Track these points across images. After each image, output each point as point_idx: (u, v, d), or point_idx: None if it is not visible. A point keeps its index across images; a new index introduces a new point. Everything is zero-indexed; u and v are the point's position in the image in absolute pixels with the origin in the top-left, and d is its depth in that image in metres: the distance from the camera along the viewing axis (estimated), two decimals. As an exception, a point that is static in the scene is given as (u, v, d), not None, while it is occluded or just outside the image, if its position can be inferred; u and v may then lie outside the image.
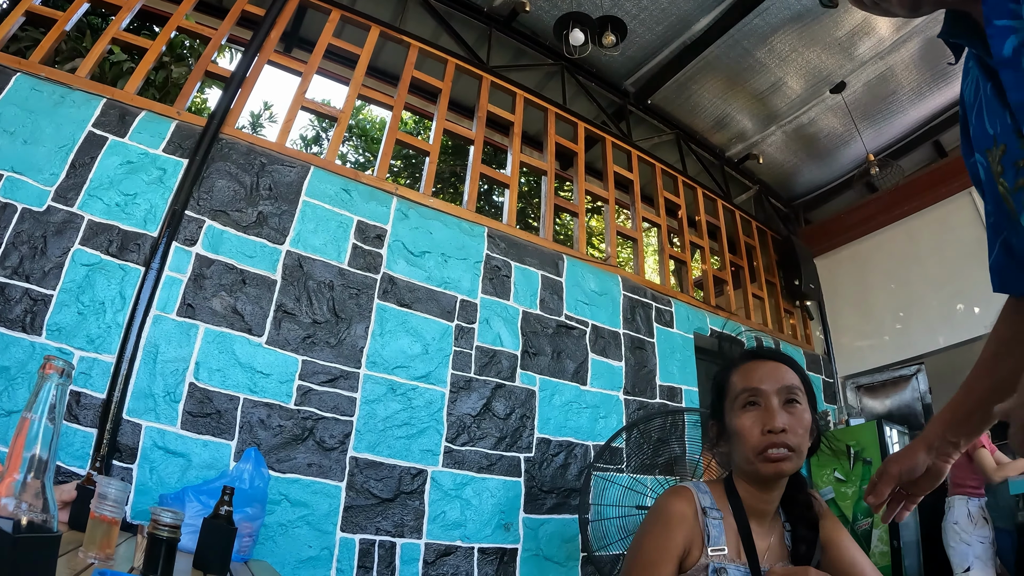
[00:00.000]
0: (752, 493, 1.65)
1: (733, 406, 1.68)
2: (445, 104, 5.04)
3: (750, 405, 1.64)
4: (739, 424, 1.64)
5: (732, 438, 1.68)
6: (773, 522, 1.69)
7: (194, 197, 3.53)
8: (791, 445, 1.56)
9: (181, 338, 3.23)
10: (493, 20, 6.03)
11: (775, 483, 1.64)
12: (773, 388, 1.62)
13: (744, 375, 1.70)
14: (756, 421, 1.61)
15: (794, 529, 1.69)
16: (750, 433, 1.61)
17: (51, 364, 1.07)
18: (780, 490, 1.67)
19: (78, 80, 3.53)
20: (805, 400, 1.64)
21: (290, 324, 3.56)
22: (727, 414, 1.71)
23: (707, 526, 1.59)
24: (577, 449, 4.36)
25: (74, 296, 3.05)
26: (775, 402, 1.61)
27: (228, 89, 3.97)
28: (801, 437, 1.59)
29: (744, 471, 1.66)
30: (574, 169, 5.76)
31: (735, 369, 1.74)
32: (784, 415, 1.59)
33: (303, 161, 4.04)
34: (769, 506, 1.66)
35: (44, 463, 1.03)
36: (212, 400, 3.19)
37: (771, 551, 1.65)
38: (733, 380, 1.72)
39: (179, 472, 3.00)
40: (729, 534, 1.61)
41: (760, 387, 1.64)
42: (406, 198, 4.33)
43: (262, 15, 4.36)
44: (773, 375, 1.65)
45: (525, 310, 4.53)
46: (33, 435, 1.03)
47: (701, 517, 1.61)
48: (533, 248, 4.82)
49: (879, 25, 5.80)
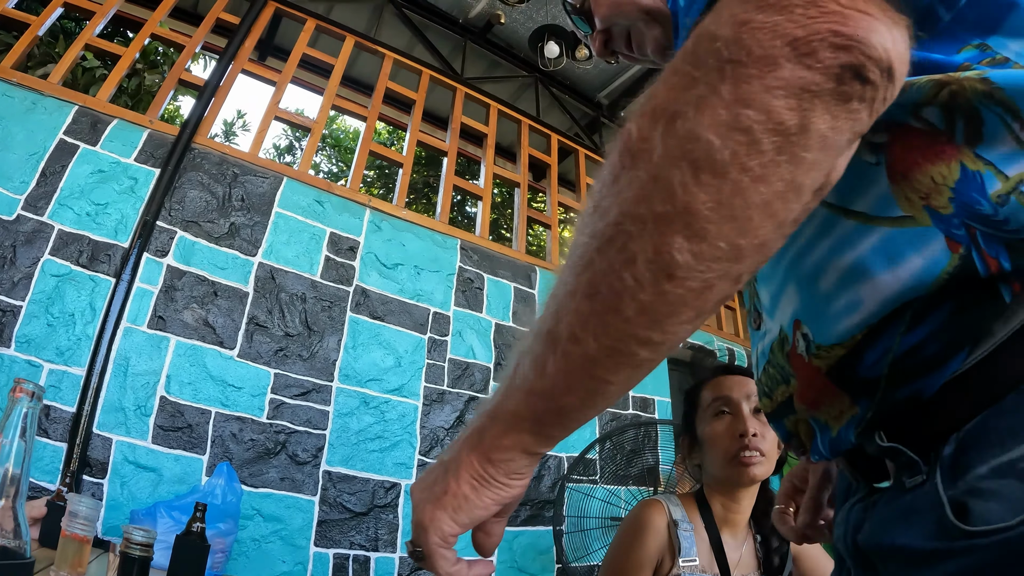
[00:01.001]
0: (724, 504, 1.69)
1: (705, 416, 1.74)
2: (419, 115, 5.03)
3: (721, 413, 1.69)
4: (711, 431, 1.69)
5: (704, 447, 1.73)
6: (745, 533, 1.72)
7: (166, 207, 3.49)
8: (763, 450, 1.61)
9: (152, 351, 3.19)
10: (468, 31, 6.04)
11: (745, 492, 1.68)
12: (743, 396, 1.68)
13: (715, 387, 1.75)
14: (728, 428, 1.66)
15: (766, 540, 1.71)
16: (722, 439, 1.66)
17: (21, 387, 1.06)
18: (751, 499, 1.71)
19: (50, 86, 3.49)
20: None
21: (262, 337, 3.54)
22: (699, 425, 1.75)
23: (678, 538, 1.62)
24: (550, 461, 4.36)
25: (44, 307, 3.00)
26: (745, 409, 1.66)
27: (201, 98, 3.94)
28: (771, 444, 1.64)
29: (717, 479, 1.70)
30: (547, 181, 5.77)
31: (706, 383, 1.80)
32: (754, 422, 1.64)
33: (276, 172, 4.02)
34: (740, 516, 1.70)
35: (16, 487, 1.02)
36: (183, 414, 3.16)
37: (743, 561, 1.68)
38: (704, 393, 1.78)
39: (150, 487, 2.96)
40: (700, 545, 1.64)
41: (730, 395, 1.70)
42: (379, 210, 4.32)
43: (237, 23, 4.33)
44: (743, 385, 1.71)
45: (498, 322, 4.52)
46: (4, 459, 1.01)
47: (672, 529, 1.64)
48: (506, 260, 4.82)
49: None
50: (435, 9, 5.89)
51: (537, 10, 5.58)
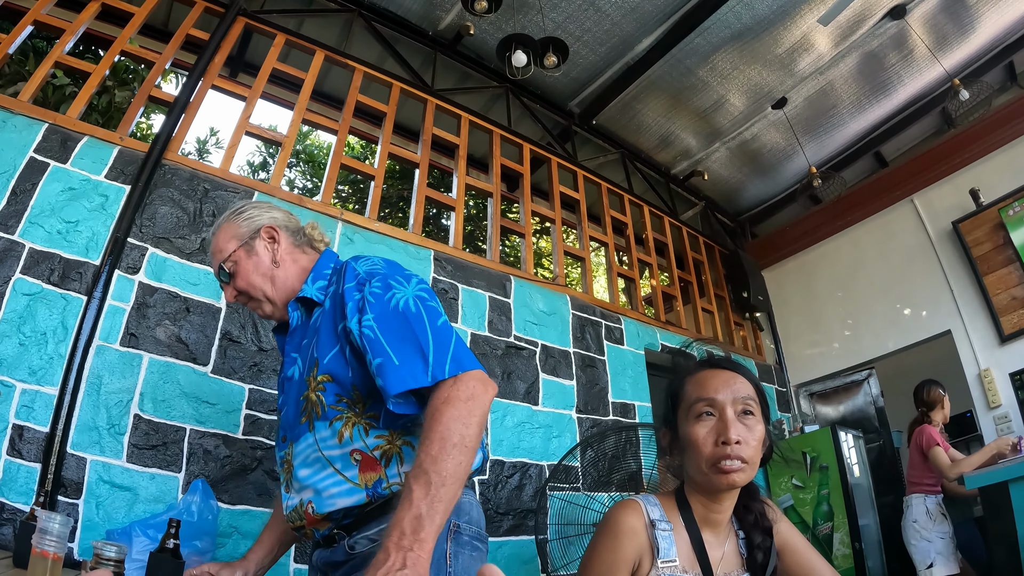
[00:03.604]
0: (704, 503, 1.66)
1: (687, 415, 1.68)
2: (390, 128, 5.03)
3: (705, 415, 1.64)
4: (693, 434, 1.63)
5: (685, 448, 1.68)
6: (727, 531, 1.70)
7: (137, 224, 3.47)
8: (744, 457, 1.57)
9: (125, 369, 3.16)
10: (438, 43, 6.04)
11: (727, 494, 1.65)
12: (728, 399, 1.63)
13: (699, 384, 1.70)
14: (710, 432, 1.61)
15: (749, 537, 1.70)
16: (704, 443, 1.61)
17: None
18: (732, 500, 1.68)
19: (20, 104, 3.46)
20: (759, 411, 1.65)
21: (236, 352, 3.51)
22: (680, 423, 1.70)
23: (656, 538, 1.59)
24: (531, 470, 4.35)
25: (15, 327, 2.96)
26: (730, 413, 1.61)
27: (171, 114, 3.93)
28: (755, 449, 1.60)
29: (696, 481, 1.67)
30: (520, 190, 5.79)
31: (690, 377, 1.74)
32: (739, 426, 1.59)
33: (247, 186, 4.00)
34: (722, 515, 1.67)
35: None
36: (158, 431, 3.12)
37: (725, 560, 1.65)
38: (687, 389, 1.72)
39: (126, 506, 2.93)
40: (680, 545, 1.61)
41: (715, 397, 1.64)
42: (351, 223, 4.31)
43: (207, 39, 4.33)
44: (729, 385, 1.66)
45: (474, 332, 4.52)
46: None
47: (650, 530, 1.61)
48: (480, 270, 4.82)
49: (818, 41, 5.96)
50: (404, 22, 5.89)
51: (506, 20, 5.60)
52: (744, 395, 1.64)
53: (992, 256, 5.86)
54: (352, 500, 1.65)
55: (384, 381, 1.57)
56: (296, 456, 1.79)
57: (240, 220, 2.10)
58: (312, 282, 1.98)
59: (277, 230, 2.11)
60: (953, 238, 6.22)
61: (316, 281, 1.97)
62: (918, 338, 6.41)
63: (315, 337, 1.84)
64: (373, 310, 1.68)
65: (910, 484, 4.86)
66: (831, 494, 5.48)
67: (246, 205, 2.17)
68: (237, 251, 2.05)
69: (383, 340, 1.61)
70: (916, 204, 6.67)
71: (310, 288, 1.95)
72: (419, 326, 1.63)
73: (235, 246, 2.05)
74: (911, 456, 4.91)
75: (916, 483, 4.78)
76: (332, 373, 1.74)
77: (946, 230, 6.31)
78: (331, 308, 1.84)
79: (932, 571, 4.49)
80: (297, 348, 1.94)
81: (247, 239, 2.07)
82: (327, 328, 1.81)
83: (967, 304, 6.03)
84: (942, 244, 6.35)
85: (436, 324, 1.65)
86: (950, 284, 6.19)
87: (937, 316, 6.26)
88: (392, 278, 1.78)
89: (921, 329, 6.40)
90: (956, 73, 6.23)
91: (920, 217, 6.61)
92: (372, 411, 1.71)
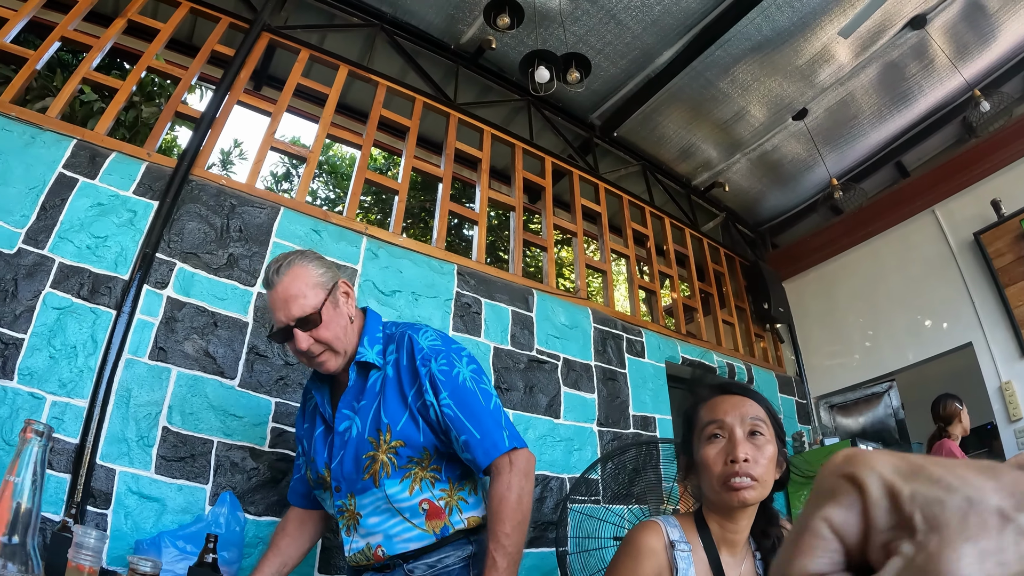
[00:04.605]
0: (721, 524, 1.70)
1: (700, 438, 1.75)
2: (413, 142, 5.07)
3: (714, 437, 1.71)
4: (704, 455, 1.71)
5: (699, 469, 1.73)
6: (744, 551, 1.73)
7: (165, 239, 3.52)
8: (754, 475, 1.62)
9: (153, 382, 3.21)
10: (459, 57, 6.09)
11: (742, 513, 1.69)
12: (736, 420, 1.69)
13: (710, 409, 1.77)
14: (720, 452, 1.68)
15: (767, 561, 1.72)
16: (714, 463, 1.68)
17: (31, 428, 1.09)
18: (749, 520, 1.72)
19: (48, 120, 3.52)
20: (770, 432, 1.70)
21: (262, 366, 3.56)
22: (695, 446, 1.76)
23: (676, 559, 1.63)
24: (553, 482, 4.37)
25: (46, 340, 3.02)
26: (738, 433, 1.67)
27: (198, 130, 3.98)
28: (764, 468, 1.64)
29: (712, 501, 1.72)
30: (542, 203, 5.81)
31: (703, 404, 1.81)
32: (747, 446, 1.65)
33: (273, 202, 4.05)
34: (739, 536, 1.71)
35: (28, 523, 1.05)
36: (186, 444, 3.17)
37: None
38: (701, 414, 1.80)
39: (154, 517, 2.97)
40: (699, 565, 1.65)
41: (724, 419, 1.70)
42: (376, 237, 4.35)
43: (232, 55, 4.38)
44: (737, 408, 1.72)
45: (496, 346, 4.54)
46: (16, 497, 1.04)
47: (669, 550, 1.65)
48: (503, 284, 4.85)
49: (838, 52, 5.95)
50: (426, 36, 5.94)
51: (528, 34, 5.63)
52: (752, 416, 1.70)
53: (1014, 267, 5.81)
54: (422, 543, 1.97)
55: (473, 455, 1.92)
56: (362, 507, 2.03)
57: (316, 269, 2.15)
58: (370, 345, 2.15)
59: (351, 287, 2.25)
60: (974, 249, 6.17)
61: (373, 345, 2.16)
62: (939, 350, 6.36)
63: (378, 401, 2.04)
64: (446, 388, 1.98)
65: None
66: (851, 508, 5.44)
67: (309, 254, 2.22)
68: (326, 302, 2.11)
69: (463, 418, 1.94)
70: (937, 215, 6.62)
71: (370, 353, 2.13)
72: (486, 402, 2.00)
73: (323, 296, 2.11)
74: (930, 471, 4.86)
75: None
76: (406, 439, 1.98)
77: (967, 241, 6.26)
78: (395, 377, 2.08)
79: None
80: (351, 407, 2.12)
81: (331, 290, 2.15)
82: (394, 396, 2.05)
83: (988, 316, 5.97)
84: (963, 255, 6.30)
85: (492, 400, 2.03)
86: (971, 296, 6.13)
87: (958, 328, 6.21)
88: (450, 354, 2.07)
89: (942, 341, 6.35)
90: (976, 83, 6.21)
91: (941, 228, 6.56)
92: (435, 465, 2.01)
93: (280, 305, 2.09)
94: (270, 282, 2.13)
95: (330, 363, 2.12)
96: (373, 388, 2.09)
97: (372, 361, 2.11)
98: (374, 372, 2.12)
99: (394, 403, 2.02)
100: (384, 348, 2.16)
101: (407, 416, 2.00)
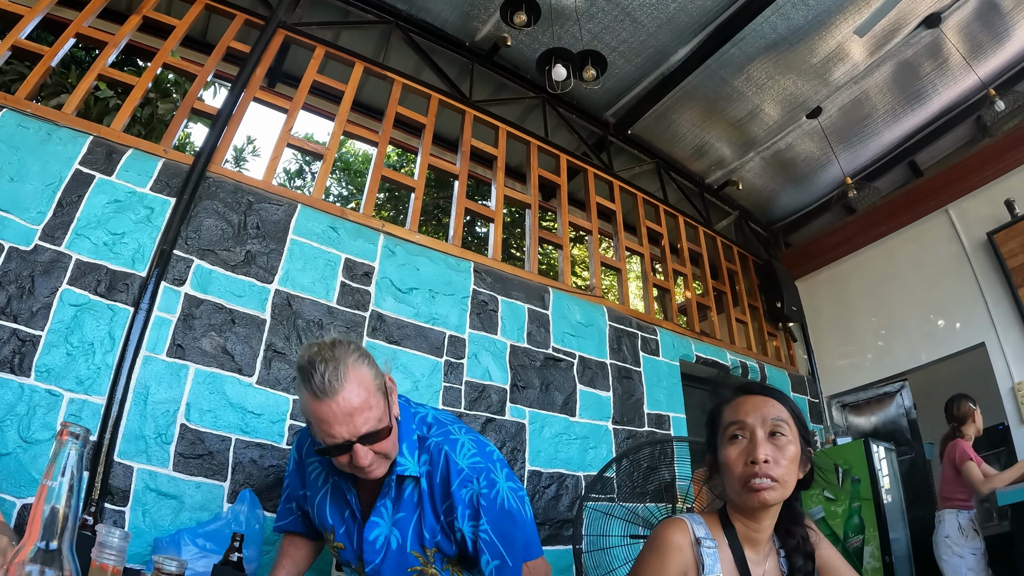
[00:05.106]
0: (744, 523, 1.71)
1: (722, 439, 1.75)
2: (429, 139, 5.06)
3: (736, 438, 1.71)
4: (726, 456, 1.72)
5: (722, 470, 1.74)
6: (768, 548, 1.74)
7: (182, 236, 3.52)
8: (774, 476, 1.62)
9: (171, 379, 3.21)
10: (475, 54, 6.08)
11: (764, 513, 1.70)
12: (757, 421, 1.69)
13: (733, 409, 1.77)
14: (741, 453, 1.68)
15: (791, 560, 1.72)
16: (735, 464, 1.68)
17: (67, 431, 1.07)
18: (772, 519, 1.73)
19: (64, 117, 3.52)
20: (793, 432, 1.70)
21: (280, 363, 3.55)
22: (718, 447, 1.76)
23: (702, 555, 1.64)
24: (568, 480, 4.36)
25: (63, 337, 3.01)
26: (760, 434, 1.67)
27: (214, 127, 3.97)
28: (785, 468, 1.64)
29: (734, 502, 1.72)
30: (557, 200, 5.80)
31: (726, 404, 1.81)
32: (768, 447, 1.65)
33: (290, 199, 4.05)
34: (762, 534, 1.72)
35: (65, 527, 1.04)
36: (204, 441, 3.17)
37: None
38: (724, 414, 1.80)
39: (172, 514, 2.97)
40: (724, 563, 1.65)
41: (745, 420, 1.71)
42: (393, 235, 4.35)
43: (247, 51, 4.38)
44: (758, 409, 1.72)
45: (513, 344, 4.54)
46: (53, 501, 1.03)
47: (695, 547, 1.65)
48: (519, 281, 4.84)
49: (852, 51, 5.92)
50: (441, 33, 5.94)
51: (543, 32, 5.62)
52: (774, 416, 1.70)
53: (1027, 268, 5.79)
54: None
55: None
56: None
57: (370, 370, 1.88)
58: (409, 453, 1.99)
59: (394, 381, 2.01)
60: (988, 249, 6.14)
61: (412, 453, 2.00)
62: (951, 350, 6.34)
63: (417, 514, 2.00)
64: (487, 514, 1.91)
65: (942, 499, 4.82)
66: (862, 507, 5.43)
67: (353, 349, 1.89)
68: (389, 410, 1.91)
69: (498, 544, 1.91)
70: (951, 214, 6.59)
71: (412, 465, 1.99)
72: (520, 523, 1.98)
73: (384, 403, 1.88)
74: (944, 471, 4.86)
75: (948, 498, 4.74)
76: (441, 548, 1.98)
77: (980, 241, 6.23)
78: (428, 490, 1.98)
79: None
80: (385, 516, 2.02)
81: (388, 393, 1.93)
82: (429, 510, 1.98)
83: (1001, 316, 5.94)
84: (976, 255, 6.27)
85: (528, 518, 2.03)
86: (984, 296, 6.10)
87: (971, 328, 6.18)
88: (489, 470, 1.98)
89: (954, 341, 6.33)
90: (991, 82, 6.18)
91: (955, 227, 6.53)
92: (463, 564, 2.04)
93: (342, 419, 1.77)
94: (323, 391, 1.76)
95: (379, 471, 1.90)
96: (411, 500, 1.97)
97: (413, 474, 1.97)
98: (409, 482, 1.98)
99: (431, 517, 1.96)
100: (417, 453, 2.00)
101: (439, 530, 1.97)
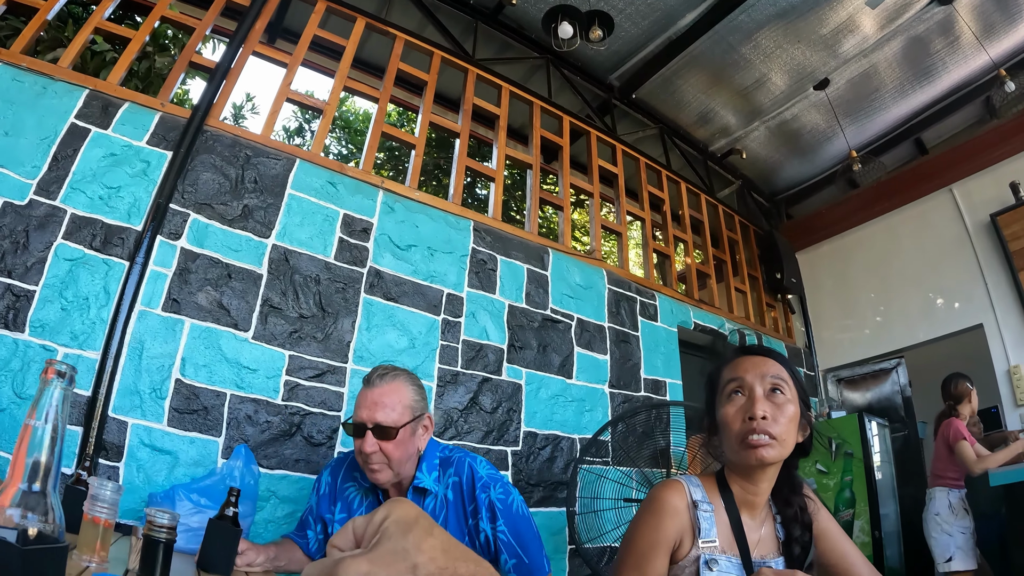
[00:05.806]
0: (742, 486, 1.70)
1: (721, 397, 1.74)
2: (431, 97, 5.00)
3: (734, 394, 1.70)
4: (724, 413, 1.70)
5: (720, 429, 1.73)
6: (764, 513, 1.73)
7: (178, 190, 3.47)
8: (772, 433, 1.61)
9: (166, 334, 3.19)
10: (479, 12, 6.00)
11: (762, 474, 1.69)
12: (756, 377, 1.68)
13: (731, 368, 1.76)
14: (739, 410, 1.67)
15: (788, 529, 1.71)
16: (733, 421, 1.67)
17: (52, 368, 1.04)
18: (770, 482, 1.72)
19: (60, 71, 3.46)
20: (791, 392, 1.69)
21: (276, 319, 3.53)
22: (717, 408, 1.75)
23: (698, 519, 1.63)
24: (563, 442, 4.37)
25: (57, 292, 2.99)
26: (758, 391, 1.66)
27: (212, 81, 3.91)
28: (784, 427, 1.63)
29: (732, 462, 1.72)
30: (559, 163, 5.75)
31: (726, 365, 1.81)
32: (766, 403, 1.64)
33: (288, 154, 3.99)
34: (759, 498, 1.71)
35: (49, 470, 1.01)
36: (199, 396, 3.15)
37: (762, 542, 1.69)
38: (723, 374, 1.79)
39: (166, 470, 2.96)
40: (720, 526, 1.65)
41: (744, 376, 1.70)
42: (392, 191, 4.30)
43: (247, 5, 4.29)
44: (758, 367, 1.71)
45: (511, 304, 4.52)
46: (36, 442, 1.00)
47: (692, 510, 1.65)
48: (518, 242, 4.81)
49: (863, 23, 5.84)
50: (445, -11, 5.85)
51: (548, -10, 5.54)
52: (772, 374, 1.69)
53: (1029, 252, 5.77)
54: None
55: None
56: None
57: (413, 394, 2.33)
58: (428, 472, 2.31)
59: (432, 423, 2.41)
60: (990, 231, 6.12)
61: (431, 471, 2.31)
62: (949, 330, 6.35)
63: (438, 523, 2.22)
64: (504, 516, 2.15)
65: (934, 477, 4.83)
66: (854, 481, 5.46)
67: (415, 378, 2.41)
68: (408, 425, 2.25)
69: (516, 545, 2.12)
70: (955, 194, 6.56)
71: (428, 479, 2.29)
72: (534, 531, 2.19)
73: (408, 418, 2.27)
74: (937, 449, 4.87)
75: (940, 476, 4.75)
76: None
77: (983, 222, 6.21)
78: (455, 500, 2.25)
79: (951, 565, 4.49)
80: None
81: (417, 418, 2.31)
82: (453, 519, 2.22)
83: (1001, 299, 5.94)
84: (979, 236, 6.25)
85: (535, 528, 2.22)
86: (984, 278, 6.09)
87: (970, 309, 6.18)
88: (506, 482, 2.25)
89: (953, 321, 6.34)
90: (1002, 63, 6.09)
91: (958, 207, 6.50)
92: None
93: (369, 404, 2.24)
94: (371, 381, 2.30)
95: (381, 476, 2.23)
96: (432, 512, 2.23)
97: (428, 487, 2.27)
98: (428, 497, 2.27)
99: (454, 527, 2.19)
100: (440, 473, 2.33)
101: (465, 536, 2.18)
